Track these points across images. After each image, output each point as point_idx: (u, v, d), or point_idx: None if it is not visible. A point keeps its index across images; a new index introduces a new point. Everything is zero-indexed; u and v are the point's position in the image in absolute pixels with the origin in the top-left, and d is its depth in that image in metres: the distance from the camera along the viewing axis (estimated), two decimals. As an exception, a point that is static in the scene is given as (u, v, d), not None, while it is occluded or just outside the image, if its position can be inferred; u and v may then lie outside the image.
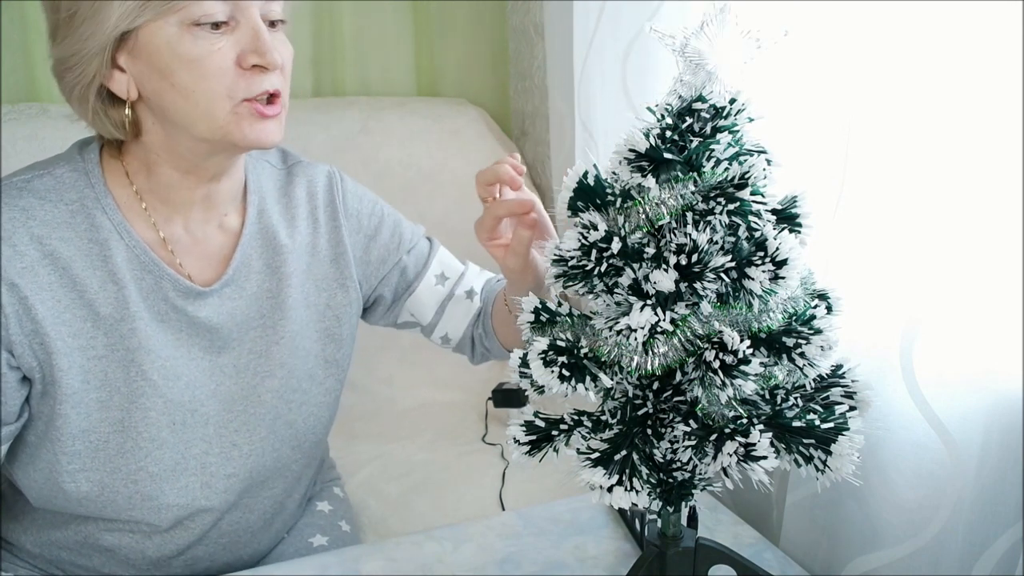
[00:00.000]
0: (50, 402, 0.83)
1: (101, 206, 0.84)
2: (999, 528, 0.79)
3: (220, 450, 0.90)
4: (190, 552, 0.93)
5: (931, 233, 0.77)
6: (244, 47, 0.78)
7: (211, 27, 0.76)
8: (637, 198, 0.61)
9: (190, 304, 0.87)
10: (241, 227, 0.92)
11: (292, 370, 0.94)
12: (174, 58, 0.76)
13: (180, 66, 0.77)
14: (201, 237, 0.89)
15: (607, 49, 1.28)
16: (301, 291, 0.95)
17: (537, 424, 0.68)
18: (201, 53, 0.76)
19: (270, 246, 0.93)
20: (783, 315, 0.62)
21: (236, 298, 0.90)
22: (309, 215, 0.97)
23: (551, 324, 0.67)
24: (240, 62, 0.78)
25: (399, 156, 1.80)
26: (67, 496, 0.86)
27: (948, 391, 0.78)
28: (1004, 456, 0.77)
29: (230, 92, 0.78)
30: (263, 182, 0.96)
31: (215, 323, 0.89)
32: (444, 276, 1.05)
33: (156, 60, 0.77)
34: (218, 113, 0.78)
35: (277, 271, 0.93)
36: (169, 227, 0.87)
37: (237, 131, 0.79)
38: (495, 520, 0.98)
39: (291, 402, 0.94)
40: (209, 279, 0.89)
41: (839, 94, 0.85)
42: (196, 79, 0.77)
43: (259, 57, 0.77)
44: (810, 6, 0.87)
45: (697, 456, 0.63)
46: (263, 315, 0.92)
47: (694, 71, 0.61)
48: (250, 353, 0.91)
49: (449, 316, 1.05)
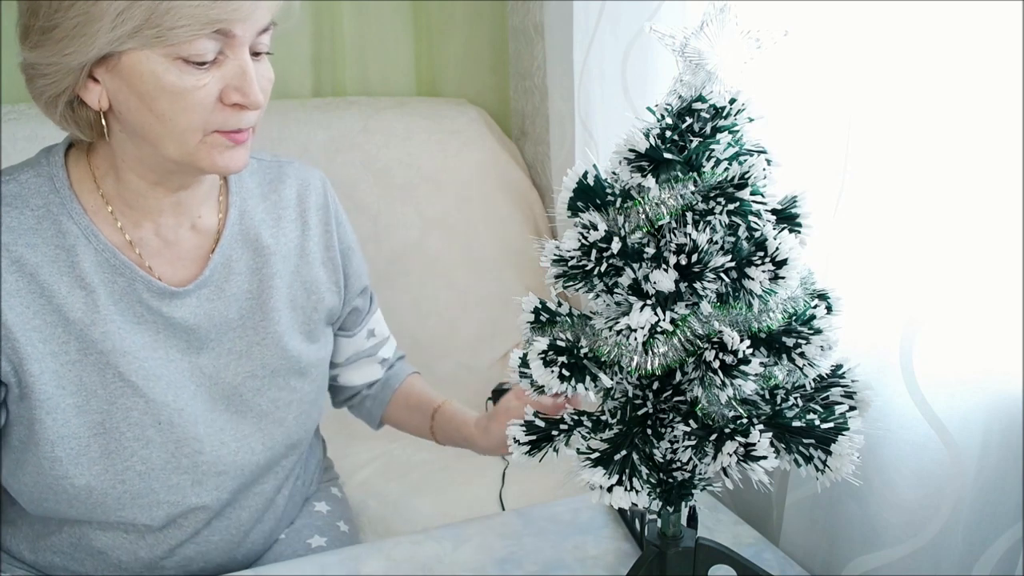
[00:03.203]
0: (28, 407, 0.83)
1: (67, 211, 0.83)
2: (999, 528, 0.79)
3: (211, 448, 0.90)
4: (182, 552, 0.93)
5: (931, 233, 0.77)
6: (228, 83, 0.77)
7: (197, 64, 0.76)
8: (637, 198, 0.61)
9: (165, 305, 0.87)
10: (220, 227, 0.91)
11: (277, 370, 0.94)
12: (157, 88, 0.76)
13: (162, 96, 0.76)
14: (173, 240, 0.89)
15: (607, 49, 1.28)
16: (287, 293, 0.95)
17: (537, 424, 0.68)
18: (186, 88, 0.76)
19: (252, 247, 0.93)
20: (783, 315, 0.62)
21: (215, 299, 0.90)
22: (298, 217, 0.97)
23: (551, 324, 0.67)
24: (223, 98, 0.78)
25: (399, 156, 1.80)
26: (57, 498, 0.86)
27: (948, 391, 0.78)
28: (1004, 456, 0.77)
29: (206, 124, 0.78)
30: (245, 181, 0.95)
31: (191, 324, 0.88)
32: (373, 333, 1.09)
33: (138, 85, 0.76)
34: (190, 141, 0.78)
35: (259, 272, 0.93)
36: (137, 231, 0.87)
37: (206, 159, 0.80)
38: (495, 520, 0.98)
39: (277, 400, 0.94)
40: (183, 280, 0.89)
41: (839, 94, 0.85)
42: (177, 111, 0.77)
43: (243, 97, 0.78)
44: (810, 6, 0.87)
45: (697, 456, 0.63)
46: (243, 316, 0.92)
47: (694, 71, 0.61)
48: (230, 353, 0.91)
49: (355, 368, 1.10)
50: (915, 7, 0.76)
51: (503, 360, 1.78)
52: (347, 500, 1.21)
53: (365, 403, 1.12)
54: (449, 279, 1.80)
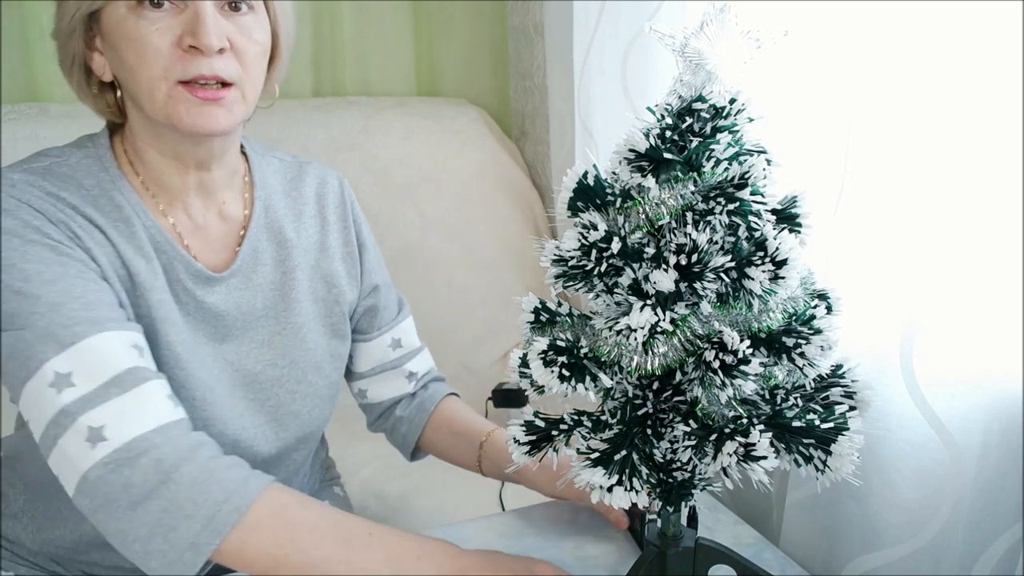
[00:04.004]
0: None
1: (118, 188, 0.84)
2: (999, 528, 0.79)
3: (232, 432, 0.90)
4: None
5: (931, 233, 0.77)
6: (185, 28, 0.78)
7: (152, 5, 0.77)
8: (637, 198, 0.61)
9: (199, 289, 0.87)
10: (247, 218, 0.93)
11: (296, 361, 0.95)
12: (121, 38, 0.78)
13: (126, 46, 0.78)
14: (202, 223, 0.90)
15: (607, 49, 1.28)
16: (309, 285, 0.96)
17: (537, 424, 0.68)
18: (142, 33, 0.77)
19: (276, 240, 0.94)
20: (783, 315, 0.62)
21: (243, 288, 0.91)
22: (317, 213, 0.99)
23: (551, 324, 0.67)
24: (179, 43, 0.78)
25: (399, 156, 1.80)
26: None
27: (948, 391, 0.78)
28: (1004, 456, 0.77)
29: (166, 73, 0.78)
30: (268, 177, 0.97)
31: (221, 310, 0.89)
32: (399, 344, 1.08)
33: (112, 40, 0.79)
34: (157, 95, 0.78)
35: (283, 264, 0.94)
36: (173, 211, 0.88)
37: (175, 114, 0.79)
38: (495, 520, 0.98)
39: (295, 392, 0.95)
40: (213, 265, 0.89)
41: (839, 94, 0.85)
42: (138, 59, 0.77)
43: (193, 38, 0.77)
44: (810, 6, 0.87)
45: (697, 456, 0.63)
46: (267, 306, 0.93)
47: (694, 71, 0.61)
48: (251, 342, 0.92)
49: (382, 381, 1.08)
50: (915, 7, 0.76)
51: (503, 360, 1.78)
52: (349, 500, 1.21)
53: (400, 427, 1.10)
54: (449, 279, 1.80)
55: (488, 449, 1.02)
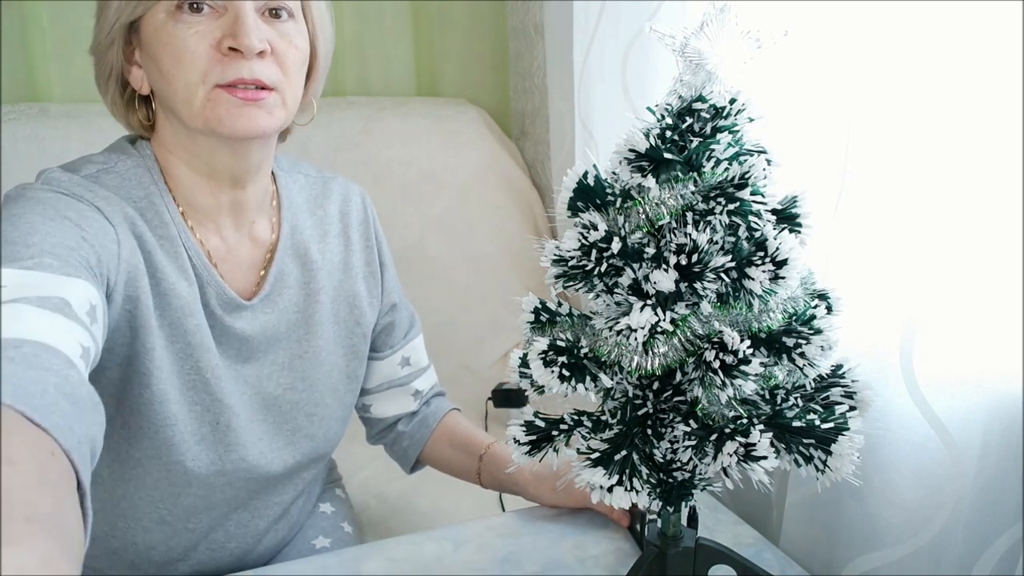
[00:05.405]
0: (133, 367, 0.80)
1: (165, 203, 0.82)
2: (999, 528, 0.79)
3: (252, 456, 0.89)
4: (195, 556, 0.93)
5: (931, 233, 0.77)
6: (225, 31, 0.77)
7: (191, 10, 0.76)
8: (637, 198, 0.61)
9: (227, 315, 0.86)
10: (275, 240, 0.91)
11: (315, 384, 0.94)
12: (159, 44, 0.77)
13: (164, 52, 0.77)
14: (234, 245, 0.88)
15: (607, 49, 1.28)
16: (331, 307, 0.95)
17: (537, 424, 0.68)
18: (180, 36, 0.76)
19: (301, 262, 0.93)
20: (783, 315, 0.62)
21: (269, 312, 0.90)
22: (341, 232, 0.98)
23: (551, 324, 0.67)
24: (218, 46, 0.76)
25: (399, 156, 1.80)
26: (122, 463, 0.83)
27: (948, 391, 0.78)
28: (1004, 456, 0.77)
29: (204, 77, 0.76)
30: (295, 196, 0.95)
31: (247, 335, 0.88)
32: (408, 362, 1.07)
33: (150, 49, 0.78)
34: (194, 100, 0.77)
35: (307, 287, 0.93)
36: (204, 233, 0.86)
37: (214, 117, 0.77)
38: (495, 520, 0.98)
39: (312, 416, 0.94)
40: (240, 289, 0.88)
41: (839, 94, 0.85)
42: (175, 64, 0.76)
43: (233, 40, 0.76)
44: (810, 6, 0.87)
45: (697, 456, 0.63)
46: (289, 329, 0.92)
47: (694, 71, 0.61)
48: (272, 365, 0.91)
49: (387, 398, 1.08)
50: (915, 7, 0.76)
51: (503, 360, 1.78)
52: (350, 501, 1.22)
53: (401, 442, 1.09)
54: (449, 279, 1.80)
55: (487, 461, 1.03)
